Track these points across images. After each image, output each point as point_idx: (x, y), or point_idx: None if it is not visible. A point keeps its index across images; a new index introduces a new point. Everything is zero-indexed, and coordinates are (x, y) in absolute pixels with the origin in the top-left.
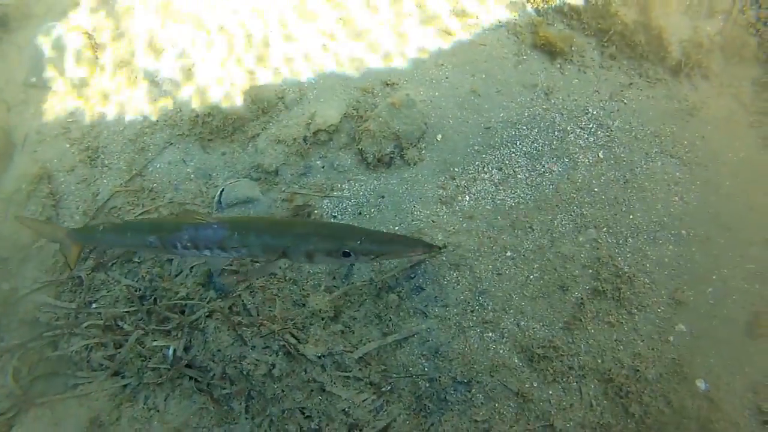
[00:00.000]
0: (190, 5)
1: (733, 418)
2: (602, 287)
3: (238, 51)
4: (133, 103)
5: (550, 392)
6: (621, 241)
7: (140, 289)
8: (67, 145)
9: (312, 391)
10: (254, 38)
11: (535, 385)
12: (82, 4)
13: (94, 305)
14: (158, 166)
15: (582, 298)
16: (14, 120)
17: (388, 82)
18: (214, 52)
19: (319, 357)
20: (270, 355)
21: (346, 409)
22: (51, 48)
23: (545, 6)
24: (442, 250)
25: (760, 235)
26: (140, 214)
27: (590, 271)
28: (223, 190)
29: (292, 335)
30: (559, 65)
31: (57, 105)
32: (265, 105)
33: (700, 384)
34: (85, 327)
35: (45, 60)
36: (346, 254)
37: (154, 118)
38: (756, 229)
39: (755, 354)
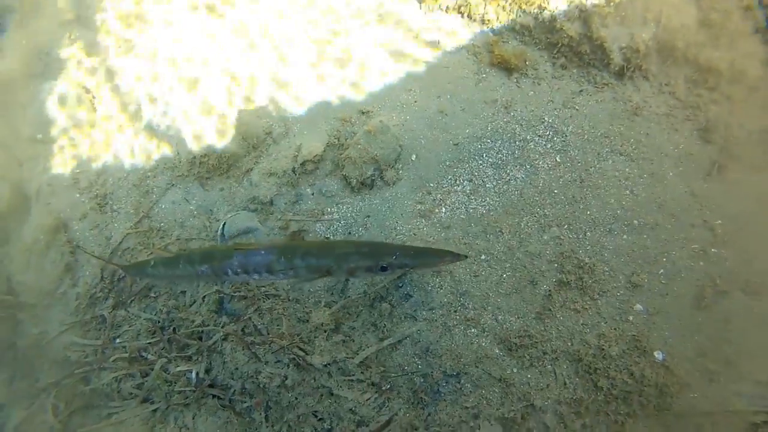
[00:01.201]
0: (177, 53)
1: (685, 380)
2: (567, 279)
3: (227, 92)
4: (133, 151)
5: (529, 376)
6: (581, 236)
7: (159, 321)
8: (78, 195)
9: (322, 395)
10: (241, 80)
11: (515, 371)
12: (78, 61)
13: (118, 340)
14: (163, 206)
15: (550, 290)
16: (26, 175)
17: (364, 111)
18: (204, 95)
19: (325, 365)
20: (282, 368)
21: (353, 409)
22: (52, 104)
23: (499, 25)
24: (467, 258)
25: (700, 217)
26: (151, 253)
27: (555, 265)
28: (225, 223)
29: (300, 348)
30: (515, 80)
31: (63, 158)
32: (254, 141)
33: (658, 355)
34: (113, 361)
35: (48, 116)
36: (383, 268)
37: (154, 163)
38: (697, 212)
39: (702, 323)
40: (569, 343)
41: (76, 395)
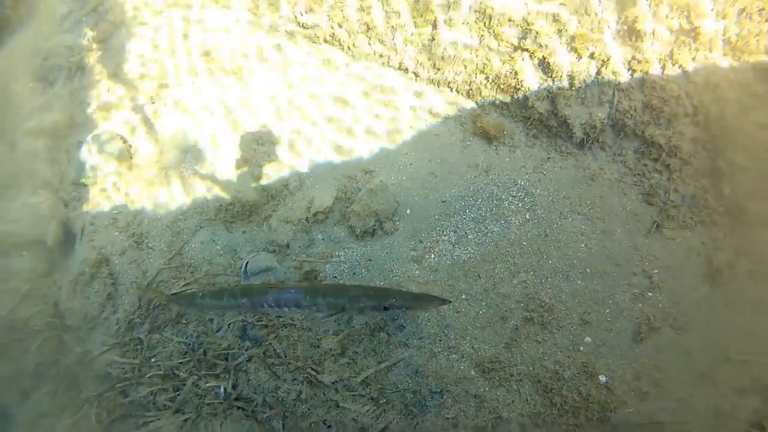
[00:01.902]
0: (205, 113)
1: (623, 399)
2: (531, 315)
3: (251, 149)
4: (166, 196)
5: (498, 393)
6: (543, 281)
7: (190, 344)
8: (117, 233)
9: (330, 407)
10: (263, 139)
11: (487, 389)
12: (115, 112)
13: (153, 360)
14: (193, 245)
15: (517, 325)
16: (71, 215)
17: (367, 170)
18: (230, 150)
19: (333, 383)
20: (298, 385)
21: (355, 418)
22: (93, 152)
23: (482, 100)
24: (451, 303)
25: (641, 267)
26: (183, 286)
27: (522, 304)
28: (247, 262)
29: (312, 369)
30: (495, 147)
31: (103, 200)
32: (273, 192)
33: (602, 378)
34: (149, 377)
35: (89, 162)
36: (386, 308)
37: (185, 208)
38: (638, 263)
39: (638, 353)
40: (531, 368)
41: (117, 406)
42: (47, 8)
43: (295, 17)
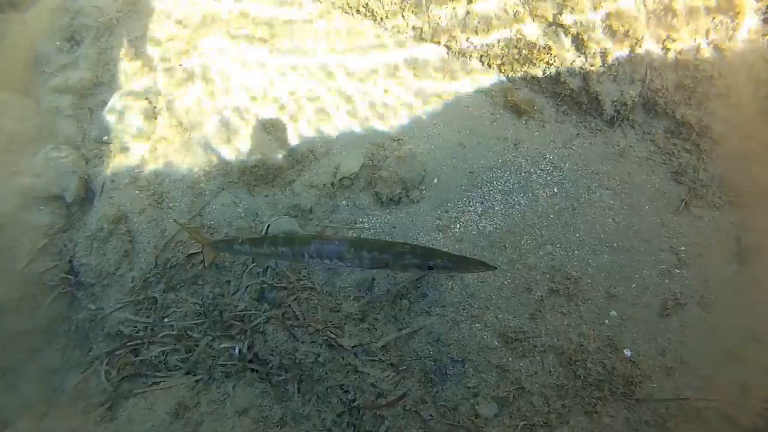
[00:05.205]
0: (233, 78)
1: (647, 374)
2: (556, 287)
3: (277, 113)
4: (188, 157)
5: (521, 364)
6: (570, 253)
7: (205, 305)
8: (137, 192)
9: (348, 372)
10: (289, 104)
11: (510, 359)
12: (142, 74)
13: (166, 319)
14: (214, 207)
15: (542, 296)
16: (92, 171)
17: (395, 139)
18: (256, 114)
19: (353, 347)
20: (316, 348)
21: (374, 383)
22: (118, 111)
23: (513, 75)
24: (496, 269)
25: (668, 244)
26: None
27: (547, 276)
28: (269, 225)
29: (332, 332)
30: (524, 121)
31: (125, 159)
32: (299, 157)
33: (626, 352)
34: (161, 337)
35: (113, 121)
36: (430, 267)
37: (208, 169)
38: (665, 239)
39: (664, 328)
40: (555, 339)
41: (127, 364)
42: None
43: None
